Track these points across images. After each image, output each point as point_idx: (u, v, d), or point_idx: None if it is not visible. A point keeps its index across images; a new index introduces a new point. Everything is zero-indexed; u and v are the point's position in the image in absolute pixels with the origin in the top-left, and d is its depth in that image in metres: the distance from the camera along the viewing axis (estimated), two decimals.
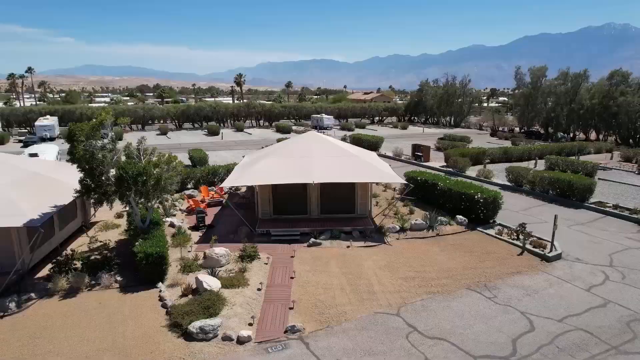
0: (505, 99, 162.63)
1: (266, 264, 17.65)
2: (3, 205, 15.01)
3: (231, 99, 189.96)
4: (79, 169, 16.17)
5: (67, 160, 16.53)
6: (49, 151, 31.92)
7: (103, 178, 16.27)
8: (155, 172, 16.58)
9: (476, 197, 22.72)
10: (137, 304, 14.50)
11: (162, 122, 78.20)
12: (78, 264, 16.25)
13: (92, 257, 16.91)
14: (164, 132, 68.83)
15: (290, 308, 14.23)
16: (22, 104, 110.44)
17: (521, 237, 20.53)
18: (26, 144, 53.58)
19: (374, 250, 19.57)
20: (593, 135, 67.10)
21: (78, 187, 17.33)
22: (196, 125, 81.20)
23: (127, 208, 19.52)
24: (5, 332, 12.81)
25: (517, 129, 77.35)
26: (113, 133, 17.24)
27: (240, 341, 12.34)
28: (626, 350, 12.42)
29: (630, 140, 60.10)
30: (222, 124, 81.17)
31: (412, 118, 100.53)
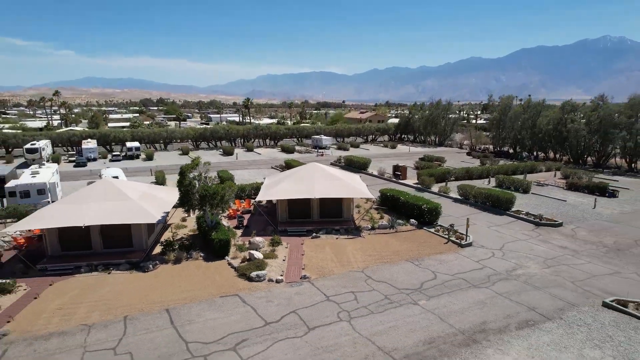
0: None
1: (286, 247, 28.96)
2: (140, 210, 26.43)
3: (236, 113, 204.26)
4: (179, 191, 27.67)
5: (178, 187, 28.01)
6: (121, 173, 43.45)
7: (192, 196, 27.71)
8: (221, 191, 28.01)
9: (423, 206, 34.20)
10: (217, 266, 25.86)
11: (179, 141, 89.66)
12: (176, 246, 27.61)
13: (182, 242, 28.28)
14: (185, 152, 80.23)
15: (303, 268, 25.55)
16: (50, 123, 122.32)
17: (450, 232, 31.92)
18: (78, 164, 65.00)
19: (353, 241, 30.91)
20: (552, 155, 78.62)
21: (171, 200, 28.89)
22: (211, 144, 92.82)
23: (197, 213, 30.79)
24: (152, 278, 24.14)
25: (491, 148, 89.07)
26: (201, 169, 28.66)
27: (277, 281, 23.66)
28: (479, 286, 23.74)
29: (580, 160, 71.58)
30: (233, 144, 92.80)
31: (402, 137, 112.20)
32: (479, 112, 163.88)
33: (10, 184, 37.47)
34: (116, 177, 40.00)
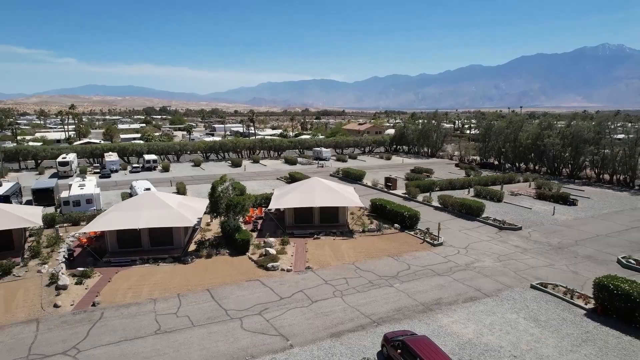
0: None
1: (293, 246, 36.35)
2: (180, 216, 33.90)
3: (238, 123, 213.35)
4: (210, 201, 35.16)
5: (209, 198, 35.50)
6: (151, 186, 50.94)
7: (220, 205, 35.21)
8: (242, 202, 35.51)
9: (405, 214, 41.65)
10: (240, 260, 33.28)
11: (189, 153, 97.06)
12: (207, 244, 35.04)
13: (211, 242, 35.74)
14: (197, 164, 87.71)
15: (307, 261, 32.96)
16: (67, 135, 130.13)
17: (426, 235, 39.33)
18: (103, 176, 72.46)
19: (347, 241, 38.30)
20: (532, 167, 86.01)
21: (201, 208, 36.44)
22: (219, 156, 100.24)
23: (222, 219, 38.12)
24: (191, 268, 31.53)
25: (478, 159, 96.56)
26: (227, 183, 36.11)
27: (288, 270, 31.09)
28: (441, 274, 31.11)
29: (556, 172, 78.97)
30: (239, 155, 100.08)
31: (397, 148, 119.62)
32: (474, 122, 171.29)
33: (64, 194, 45.08)
34: (148, 189, 47.49)
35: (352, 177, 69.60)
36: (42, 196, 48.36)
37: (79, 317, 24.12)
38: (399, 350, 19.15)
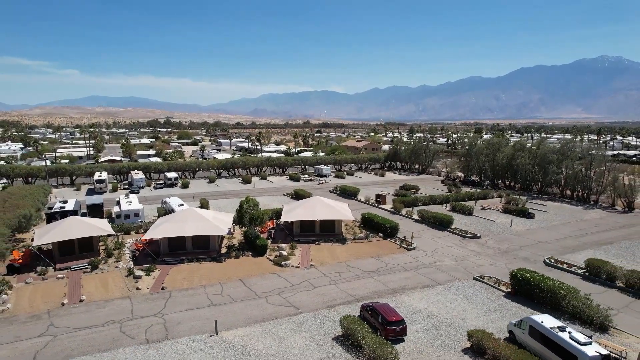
0: (489, 135, 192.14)
1: (300, 249, 47.42)
2: (215, 226, 45.08)
3: (241, 136, 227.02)
4: (237, 215, 46.43)
5: (237, 212, 46.73)
6: (183, 202, 62.10)
7: (245, 218, 46.42)
8: (261, 215, 46.74)
9: (386, 224, 52.82)
10: (260, 259, 44.41)
11: (202, 170, 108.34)
12: (235, 248, 46.16)
13: (238, 246, 46.88)
14: (212, 181, 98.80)
15: (310, 261, 44.08)
16: (87, 151, 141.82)
17: (402, 242, 50.41)
18: (132, 192, 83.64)
19: (341, 246, 49.38)
20: (508, 183, 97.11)
21: (228, 221, 47.76)
22: (230, 173, 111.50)
23: (244, 229, 49.19)
24: (225, 265, 42.64)
25: (462, 175, 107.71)
26: (249, 202, 47.34)
27: (296, 267, 42.22)
28: (409, 270, 42.20)
29: (528, 188, 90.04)
30: (248, 171, 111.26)
31: (391, 164, 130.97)
32: (458, 140, 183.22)
33: (116, 209, 56.36)
34: (182, 205, 58.71)
35: (348, 194, 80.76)
36: (95, 210, 59.42)
37: (155, 296, 35.29)
38: (369, 312, 30.27)
